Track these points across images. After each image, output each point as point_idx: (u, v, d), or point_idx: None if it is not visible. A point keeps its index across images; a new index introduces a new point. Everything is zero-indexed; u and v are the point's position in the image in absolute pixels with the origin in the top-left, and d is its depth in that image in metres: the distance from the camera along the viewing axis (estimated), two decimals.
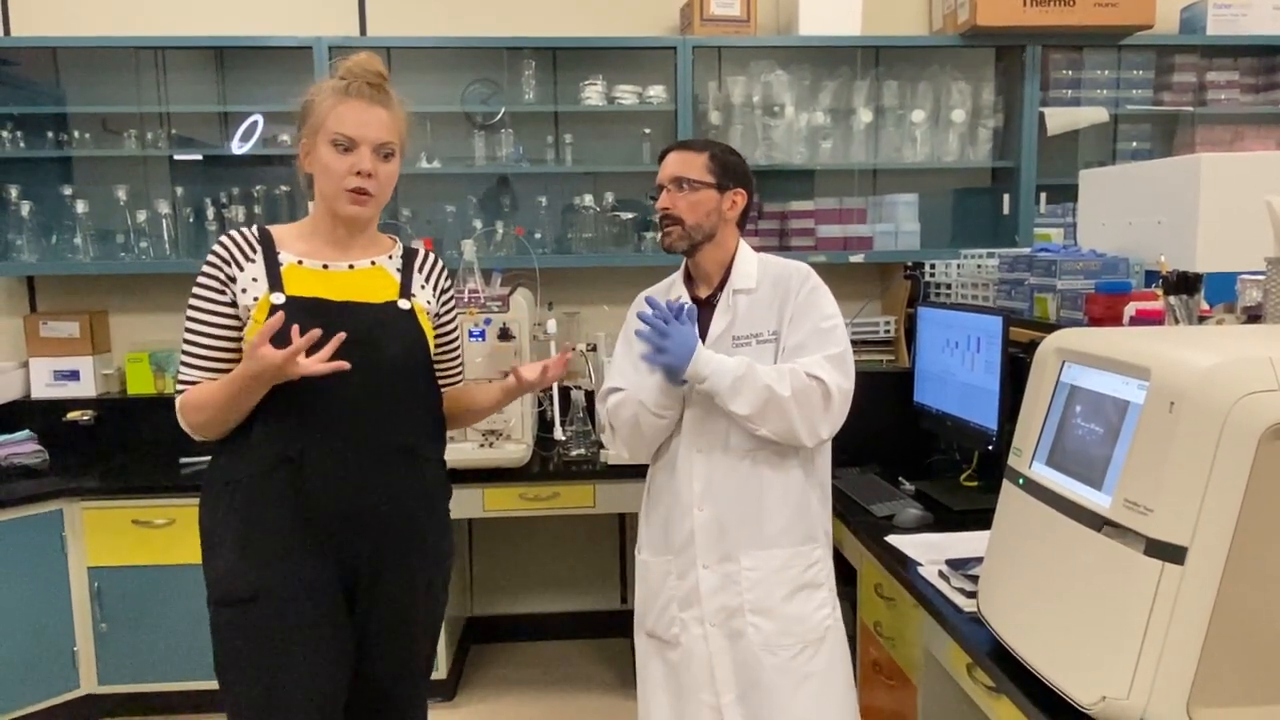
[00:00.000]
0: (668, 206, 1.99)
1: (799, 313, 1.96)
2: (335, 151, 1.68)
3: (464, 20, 3.49)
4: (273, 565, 1.67)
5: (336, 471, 1.69)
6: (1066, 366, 1.54)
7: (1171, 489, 1.21)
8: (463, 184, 3.50)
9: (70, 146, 3.33)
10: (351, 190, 1.69)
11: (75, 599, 2.96)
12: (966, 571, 1.84)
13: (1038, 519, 1.48)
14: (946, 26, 3.45)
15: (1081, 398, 1.47)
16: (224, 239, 1.72)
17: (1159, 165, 2.44)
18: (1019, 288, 2.56)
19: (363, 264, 1.78)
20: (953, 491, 2.52)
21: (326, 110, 1.68)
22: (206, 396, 1.67)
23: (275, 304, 1.65)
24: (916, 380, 2.86)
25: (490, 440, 3.02)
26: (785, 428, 1.88)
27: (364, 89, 1.69)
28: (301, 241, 1.75)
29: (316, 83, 1.76)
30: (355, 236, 1.78)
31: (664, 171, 2.02)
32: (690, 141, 2.06)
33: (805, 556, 1.98)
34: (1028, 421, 1.58)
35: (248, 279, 1.69)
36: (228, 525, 1.69)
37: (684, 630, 2.00)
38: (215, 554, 1.71)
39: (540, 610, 3.78)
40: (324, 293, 1.71)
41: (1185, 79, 3.46)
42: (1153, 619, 1.21)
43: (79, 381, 3.43)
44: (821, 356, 1.90)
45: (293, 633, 1.67)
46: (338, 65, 1.74)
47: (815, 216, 3.47)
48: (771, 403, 1.86)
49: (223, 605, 1.69)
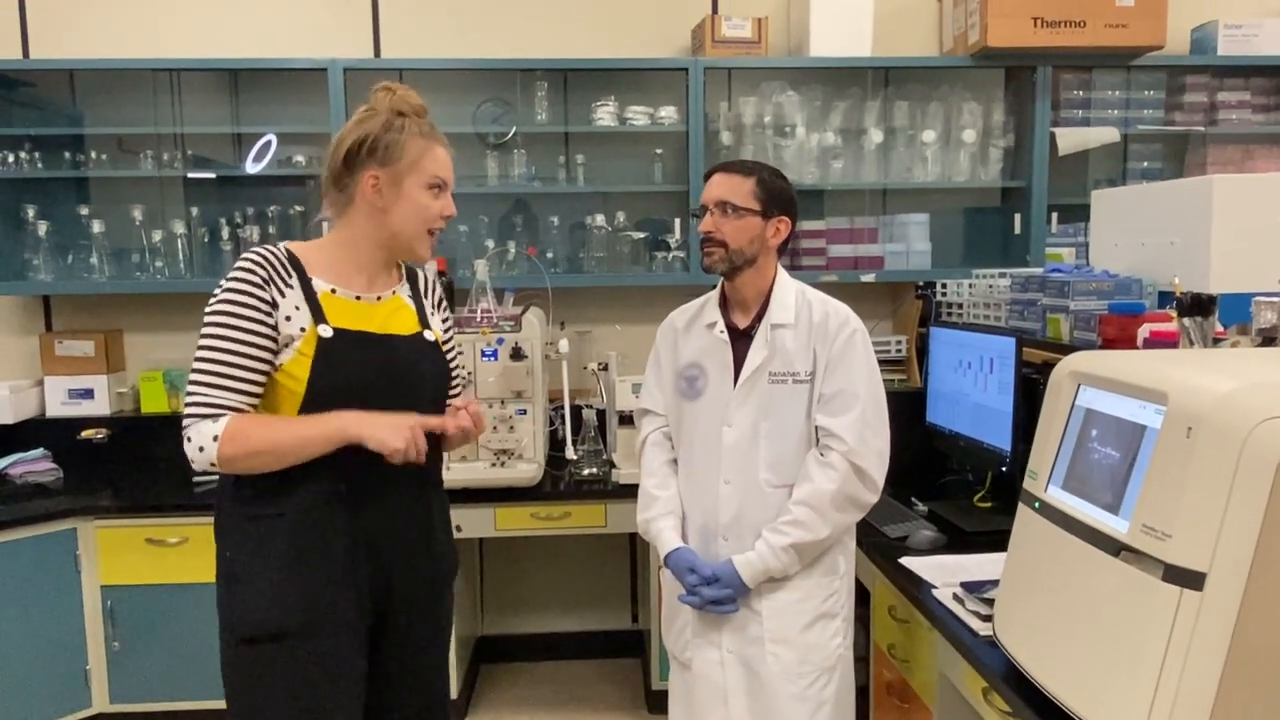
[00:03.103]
0: (711, 230, 1.96)
1: (835, 362, 1.94)
2: (431, 195, 1.71)
3: (477, 42, 3.52)
4: (316, 602, 1.65)
5: (382, 506, 1.70)
6: (1082, 390, 1.54)
7: (1190, 514, 1.21)
8: (475, 204, 3.52)
9: (87, 167, 3.36)
10: (435, 229, 1.74)
11: (88, 617, 2.97)
12: (982, 594, 1.84)
13: (1054, 543, 1.48)
14: (957, 47, 3.47)
15: (1097, 421, 1.47)
16: (256, 259, 1.64)
17: (1171, 186, 2.44)
18: (1031, 308, 2.56)
19: (386, 295, 1.78)
20: (966, 513, 2.51)
21: (421, 151, 1.69)
22: (267, 440, 1.60)
23: (324, 337, 1.64)
24: (929, 400, 2.86)
25: (502, 460, 3.03)
26: (846, 530, 2.01)
27: (438, 133, 1.74)
28: (330, 269, 1.71)
29: (384, 117, 1.69)
30: (385, 268, 1.78)
31: (709, 192, 1.99)
32: (739, 164, 2.01)
33: (826, 587, 1.99)
34: (1043, 444, 1.58)
35: (290, 306, 1.65)
36: (263, 561, 1.64)
37: (697, 654, 2.01)
38: (244, 591, 1.65)
39: (551, 630, 3.78)
40: (364, 325, 1.71)
41: (1196, 99, 3.46)
42: (1171, 645, 1.21)
43: (93, 400, 3.45)
44: (852, 420, 1.90)
45: (334, 673, 1.66)
46: (383, 100, 1.71)
47: (826, 236, 3.48)
48: (827, 541, 1.95)
49: (254, 643, 1.64)
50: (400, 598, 1.74)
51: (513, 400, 3.04)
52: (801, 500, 1.91)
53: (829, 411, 1.93)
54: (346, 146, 1.68)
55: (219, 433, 1.58)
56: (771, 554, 1.91)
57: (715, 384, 2.01)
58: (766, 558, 1.91)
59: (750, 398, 1.96)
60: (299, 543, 1.65)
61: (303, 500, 1.65)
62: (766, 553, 1.91)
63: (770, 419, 1.96)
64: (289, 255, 1.69)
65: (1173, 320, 2.03)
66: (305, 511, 1.65)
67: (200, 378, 1.61)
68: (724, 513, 1.97)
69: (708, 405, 2.01)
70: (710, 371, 2.02)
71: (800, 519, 1.90)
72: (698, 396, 2.03)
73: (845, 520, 1.95)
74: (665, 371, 2.11)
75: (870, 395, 1.93)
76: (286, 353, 1.64)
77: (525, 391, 3.05)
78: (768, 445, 1.95)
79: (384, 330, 1.73)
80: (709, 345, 2.03)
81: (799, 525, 1.90)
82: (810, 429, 1.96)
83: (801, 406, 1.95)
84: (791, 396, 1.95)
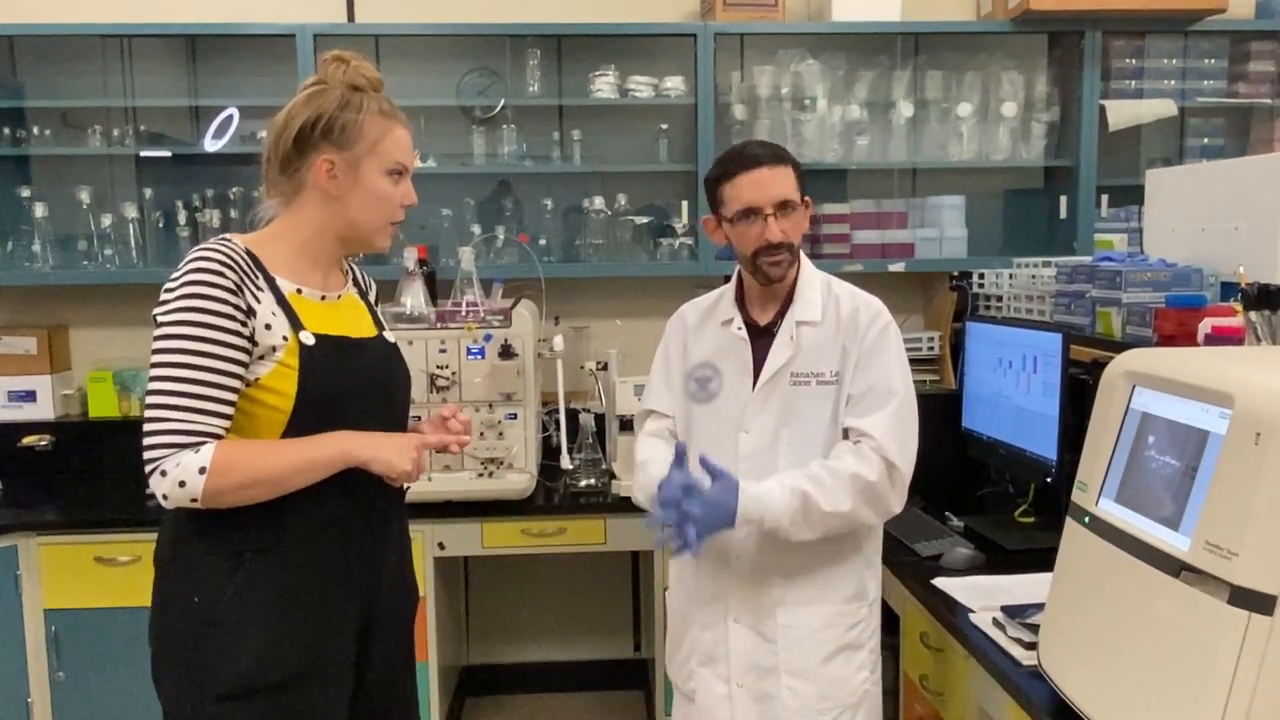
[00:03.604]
0: (782, 238, 1.92)
1: (865, 359, 1.94)
2: (391, 181, 1.69)
3: (461, 6, 3.51)
4: (311, 649, 1.62)
5: (370, 534, 1.70)
6: (1137, 391, 1.53)
7: (1258, 530, 1.21)
8: (460, 185, 3.52)
9: (28, 144, 3.37)
10: (395, 222, 1.73)
11: (30, 645, 2.96)
12: (1024, 619, 1.83)
13: (1106, 562, 1.47)
14: (996, 11, 3.46)
15: (1155, 427, 1.47)
16: (221, 259, 1.57)
17: (1236, 165, 2.44)
18: (1079, 301, 2.56)
19: (343, 293, 1.78)
20: (1006, 528, 2.52)
21: (381, 132, 1.67)
22: (264, 469, 1.56)
23: (306, 344, 1.62)
24: (965, 403, 2.86)
25: (490, 469, 3.03)
26: (854, 527, 1.95)
27: (399, 111, 1.72)
28: (287, 266, 1.68)
29: (338, 93, 1.67)
30: (339, 262, 1.79)
31: (765, 191, 1.91)
32: (774, 152, 1.95)
33: (850, 615, 1.98)
34: (1094, 453, 1.58)
35: (267, 312, 1.60)
36: (247, 604, 1.58)
37: (702, 686, 2.01)
38: (225, 640, 1.57)
39: (544, 659, 3.78)
40: (337, 329, 1.69)
41: (1262, 68, 3.46)
42: (1238, 676, 1.21)
43: (36, 403, 3.44)
44: (885, 417, 1.89)
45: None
46: (335, 72, 1.68)
47: (850, 221, 3.47)
48: (836, 518, 1.88)
49: (237, 700, 1.56)
50: (378, 634, 1.74)
51: (502, 403, 3.04)
52: (828, 466, 1.88)
53: (859, 411, 1.92)
54: (297, 127, 1.65)
55: (205, 464, 1.51)
56: (779, 489, 1.85)
57: (731, 386, 2.00)
58: (773, 490, 1.85)
59: (770, 401, 1.96)
60: (293, 581, 1.61)
61: (297, 531, 1.61)
62: (774, 486, 1.85)
63: (792, 425, 1.95)
64: (248, 253, 1.63)
65: (1237, 314, 2.03)
66: (299, 544, 1.62)
67: (171, 400, 1.52)
68: (737, 529, 1.97)
69: (722, 409, 2.01)
70: (726, 373, 2.01)
71: (821, 477, 1.86)
72: (710, 399, 2.02)
73: (862, 513, 1.89)
74: (675, 370, 2.11)
75: (904, 394, 1.93)
76: (263, 365, 1.59)
77: (515, 394, 3.04)
78: (788, 454, 1.95)
79: (356, 333, 1.73)
80: (725, 344, 2.03)
81: (817, 482, 1.86)
82: (836, 435, 1.95)
83: (827, 410, 1.95)
84: (816, 399, 1.95)
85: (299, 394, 1.60)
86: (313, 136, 1.65)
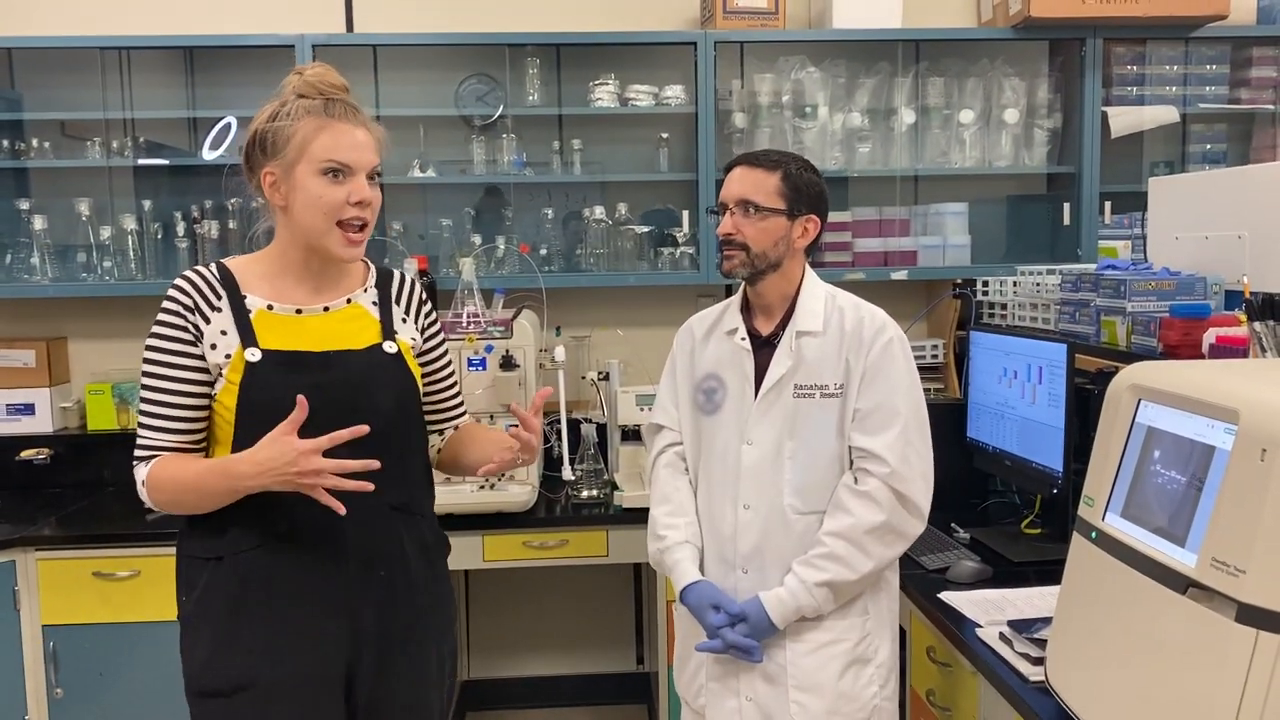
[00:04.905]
0: (731, 232, 1.96)
1: (871, 373, 1.94)
2: (327, 181, 1.66)
3: (460, 15, 3.52)
4: (258, 656, 1.67)
5: (332, 544, 1.69)
6: (1143, 405, 1.53)
7: (1265, 548, 1.20)
8: (460, 195, 3.52)
9: (27, 156, 3.37)
10: (348, 220, 1.68)
11: (28, 661, 2.95)
12: (1032, 634, 1.83)
13: (1113, 578, 1.47)
14: (997, 18, 3.47)
15: (1160, 441, 1.47)
16: (182, 283, 1.70)
17: (1239, 173, 2.44)
18: (1084, 309, 2.56)
19: (338, 304, 1.78)
20: (1013, 541, 2.51)
21: (310, 135, 1.65)
22: (176, 483, 1.66)
23: (251, 361, 1.66)
24: (969, 413, 2.86)
25: (490, 481, 3.02)
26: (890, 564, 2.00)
27: (346, 109, 1.70)
28: (266, 282, 1.72)
29: (274, 106, 1.70)
30: (328, 272, 1.78)
31: (729, 189, 1.98)
32: (763, 156, 2.01)
33: (859, 628, 1.98)
34: (1100, 468, 1.58)
35: (215, 332, 1.67)
36: (205, 608, 1.69)
37: (713, 701, 2.01)
38: (193, 641, 1.71)
39: (546, 673, 3.77)
40: (302, 344, 1.70)
41: (1264, 74, 3.46)
42: (1246, 695, 1.20)
43: (34, 416, 3.44)
44: (893, 438, 1.90)
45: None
46: (290, 83, 1.71)
47: (852, 229, 3.48)
48: (870, 577, 1.94)
49: (206, 697, 1.70)
50: (374, 643, 1.73)
51: (503, 415, 3.03)
52: (837, 532, 1.90)
53: (866, 430, 1.92)
54: (246, 150, 1.71)
55: (144, 478, 1.68)
56: (804, 590, 1.90)
57: (735, 397, 2.01)
58: (799, 594, 1.90)
59: (772, 412, 1.96)
60: (238, 590, 1.67)
61: (237, 544, 1.68)
62: (798, 589, 1.90)
63: (796, 437, 1.96)
64: (221, 273, 1.72)
65: (1241, 324, 2.03)
66: (240, 556, 1.67)
67: (140, 418, 1.70)
68: (743, 542, 1.97)
69: (726, 421, 2.01)
70: (729, 383, 2.02)
71: (837, 553, 1.89)
72: (715, 411, 2.03)
73: (888, 555, 1.94)
74: (682, 382, 2.11)
75: (912, 411, 1.94)
76: (220, 383, 1.68)
77: None
78: (793, 467, 1.95)
79: (324, 346, 1.72)
80: (729, 354, 2.03)
81: (835, 560, 1.89)
82: (842, 449, 1.96)
83: (832, 423, 1.95)
84: (820, 412, 1.95)
85: (238, 409, 1.66)
86: (254, 154, 1.70)
